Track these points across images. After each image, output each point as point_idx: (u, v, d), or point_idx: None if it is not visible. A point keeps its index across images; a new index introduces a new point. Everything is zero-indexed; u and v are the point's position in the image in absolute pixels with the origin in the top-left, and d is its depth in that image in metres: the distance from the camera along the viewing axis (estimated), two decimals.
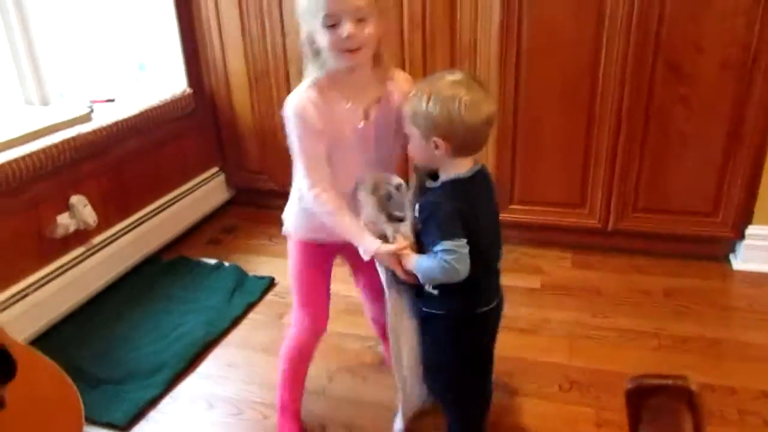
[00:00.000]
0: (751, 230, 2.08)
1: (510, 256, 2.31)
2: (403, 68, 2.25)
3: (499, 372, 1.69)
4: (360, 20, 1.15)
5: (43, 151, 1.81)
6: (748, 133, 1.95)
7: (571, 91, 2.06)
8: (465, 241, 1.17)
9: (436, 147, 1.18)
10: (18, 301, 1.77)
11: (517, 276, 2.18)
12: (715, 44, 1.88)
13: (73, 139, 1.91)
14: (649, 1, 1.88)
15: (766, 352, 1.74)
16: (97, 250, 2.06)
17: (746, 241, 2.10)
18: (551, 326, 1.91)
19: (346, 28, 1.14)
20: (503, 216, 2.25)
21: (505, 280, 2.12)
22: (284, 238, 1.50)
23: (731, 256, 2.18)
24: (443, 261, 1.17)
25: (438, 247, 1.18)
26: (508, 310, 1.96)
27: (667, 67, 1.95)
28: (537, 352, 1.78)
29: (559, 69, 2.05)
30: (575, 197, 2.20)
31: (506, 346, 1.80)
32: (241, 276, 2.21)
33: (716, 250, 2.19)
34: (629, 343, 1.81)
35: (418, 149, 1.24)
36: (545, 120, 2.12)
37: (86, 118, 2.05)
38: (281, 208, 1.50)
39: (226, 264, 2.30)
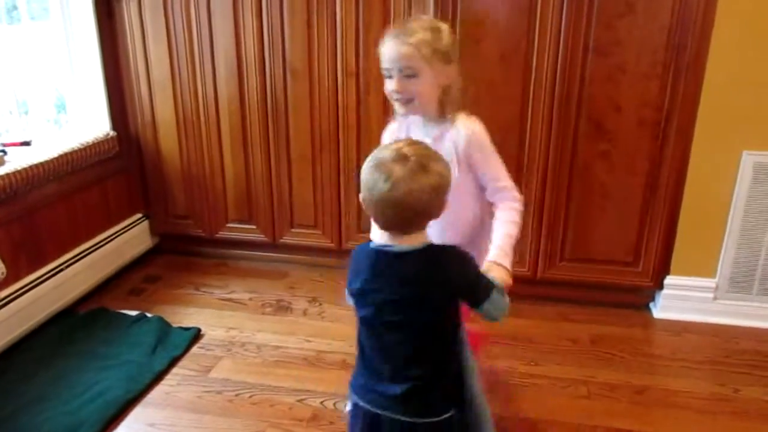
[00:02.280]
0: (669, 280, 2.19)
1: None
2: (337, 118, 2.28)
3: None
4: (409, 76, 1.27)
5: None
6: (663, 186, 2.07)
7: (501, 143, 2.09)
8: None
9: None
10: None
11: None
12: (632, 104, 2.01)
13: None
14: (571, 62, 2.00)
15: (691, 398, 1.81)
16: (5, 304, 1.90)
17: (665, 291, 2.20)
18: (484, 375, 1.91)
19: (392, 82, 1.30)
20: None
21: None
22: (211, 285, 1.43)
23: (651, 305, 2.28)
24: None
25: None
26: None
27: (589, 124, 2.06)
28: None
29: (491, 120, 2.07)
30: None
31: None
32: (164, 328, 2.09)
33: (637, 299, 2.28)
34: (561, 391, 1.84)
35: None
36: None
37: None
38: (207, 255, 1.45)
39: (149, 315, 2.18)
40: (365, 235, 2.46)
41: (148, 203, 2.63)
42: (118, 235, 2.46)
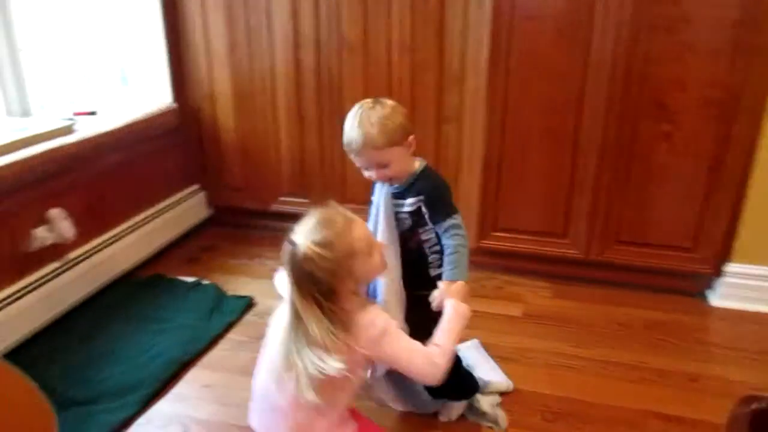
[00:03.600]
0: (729, 268, 2.11)
1: (491, 283, 2.32)
2: (390, 93, 2.28)
3: None
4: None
5: (23, 162, 1.76)
6: (728, 170, 2.00)
7: (556, 123, 2.09)
8: None
9: (411, 145, 1.39)
10: None
11: (498, 303, 2.18)
12: (698, 83, 1.93)
13: (54, 150, 1.87)
14: (634, 40, 1.93)
15: (748, 389, 1.75)
16: (73, 266, 2.00)
17: (725, 278, 2.13)
18: (531, 355, 1.90)
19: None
20: (487, 243, 2.30)
21: (486, 306, 2.15)
22: (264, 257, 1.50)
23: (708, 292, 2.21)
24: (462, 237, 1.39)
25: (449, 221, 1.39)
26: (488, 338, 1.97)
27: (651, 104, 1.99)
28: (517, 380, 1.77)
29: (546, 100, 2.08)
30: (558, 227, 2.22)
31: None
32: (219, 295, 2.17)
33: (694, 285, 2.21)
34: (610, 375, 1.81)
35: (401, 163, 1.40)
36: (531, 149, 2.15)
37: (68, 130, 2.01)
38: (261, 228, 1.50)
39: (205, 282, 2.25)
40: None
41: (205, 175, 2.70)
42: (177, 205, 2.54)
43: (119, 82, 2.55)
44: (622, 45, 1.94)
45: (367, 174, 1.43)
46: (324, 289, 1.17)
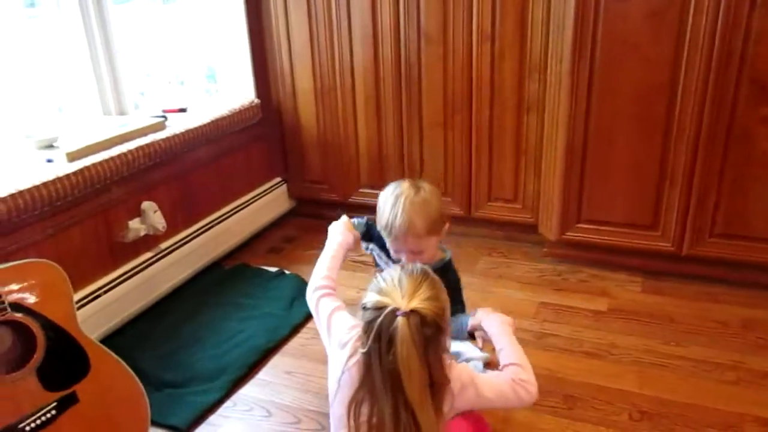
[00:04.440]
0: None
1: (575, 276, 2.25)
2: (470, 83, 2.25)
3: (559, 395, 1.64)
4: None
5: (120, 156, 1.87)
6: None
7: (646, 109, 1.99)
8: None
9: (445, 233, 1.46)
10: (89, 302, 1.82)
11: (582, 297, 2.10)
12: None
13: (148, 146, 1.97)
14: (734, 18, 1.80)
15: None
16: (164, 255, 2.11)
17: None
18: (618, 352, 1.82)
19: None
20: (570, 235, 2.22)
21: (569, 300, 2.09)
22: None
23: None
24: None
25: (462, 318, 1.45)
26: (570, 332, 1.91)
27: (752, 86, 1.86)
28: (603, 377, 1.71)
29: (634, 85, 1.98)
30: (647, 219, 2.12)
31: (569, 369, 1.75)
32: (301, 285, 2.21)
33: None
34: (705, 375, 1.71)
35: (434, 250, 1.47)
36: (617, 137, 2.05)
37: (160, 126, 2.11)
38: None
39: (287, 272, 2.31)
40: (493, 203, 2.44)
41: (286, 168, 2.77)
42: (260, 197, 2.62)
43: (206, 81, 2.66)
44: (721, 23, 1.82)
45: (395, 255, 1.46)
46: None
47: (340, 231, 1.55)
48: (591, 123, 2.07)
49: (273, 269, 2.34)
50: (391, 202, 1.39)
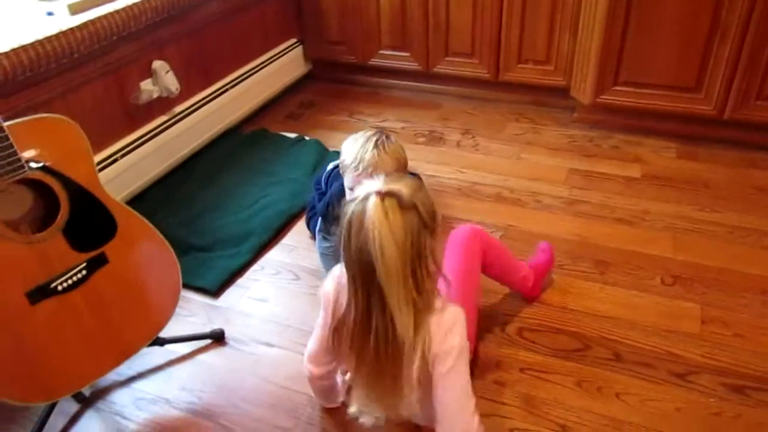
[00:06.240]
0: None
1: (607, 142, 2.16)
2: None
3: (591, 260, 1.62)
4: None
5: (125, 10, 1.72)
6: None
7: None
8: None
9: None
10: (107, 165, 1.77)
11: (614, 164, 2.03)
12: None
13: None
14: None
15: None
16: (181, 119, 2.02)
17: None
18: (651, 218, 1.78)
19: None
20: (605, 98, 2.10)
21: (600, 167, 2.01)
22: (363, 113, 1.50)
23: None
24: None
25: None
26: (602, 199, 1.86)
27: None
28: (635, 243, 1.68)
29: None
30: (690, 80, 1.98)
31: (600, 235, 1.72)
32: (322, 151, 2.15)
33: None
34: (740, 240, 1.67)
35: None
36: None
37: None
38: (360, 83, 1.48)
39: (307, 138, 2.24)
40: (524, 65, 2.29)
41: (302, 28, 2.60)
42: (276, 59, 2.48)
43: None
44: None
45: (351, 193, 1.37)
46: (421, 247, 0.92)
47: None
48: None
49: (292, 135, 2.26)
50: (362, 142, 1.43)
